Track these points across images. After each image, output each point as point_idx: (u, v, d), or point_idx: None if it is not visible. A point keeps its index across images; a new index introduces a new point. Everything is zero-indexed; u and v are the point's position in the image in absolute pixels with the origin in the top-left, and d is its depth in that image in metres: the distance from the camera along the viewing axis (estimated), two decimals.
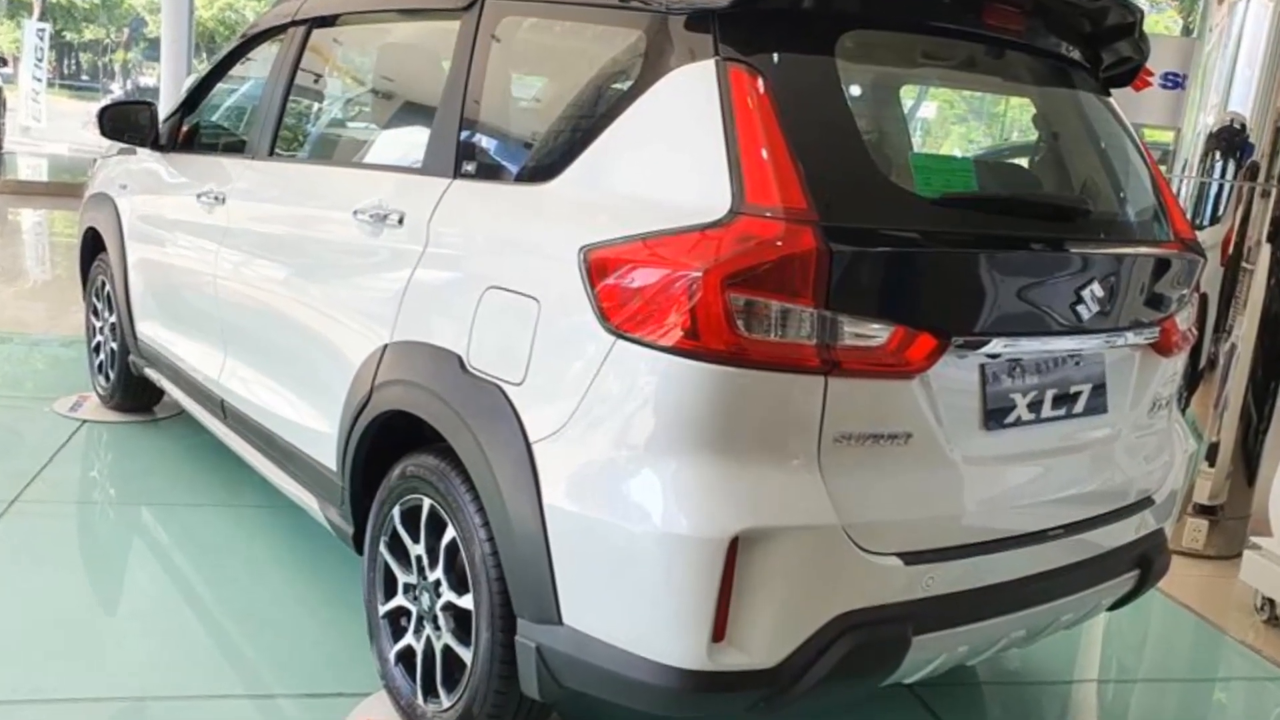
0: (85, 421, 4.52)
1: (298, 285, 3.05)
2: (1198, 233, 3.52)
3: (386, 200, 2.65)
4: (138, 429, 4.53)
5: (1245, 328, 4.25)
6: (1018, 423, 2.21)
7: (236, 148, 3.77)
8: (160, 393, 4.39)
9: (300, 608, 3.12)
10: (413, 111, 3.07)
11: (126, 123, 4.07)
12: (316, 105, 3.79)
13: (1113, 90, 2.69)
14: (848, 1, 2.14)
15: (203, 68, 4.84)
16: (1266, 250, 4.18)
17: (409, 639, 2.50)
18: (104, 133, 4.11)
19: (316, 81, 3.67)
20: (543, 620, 2.06)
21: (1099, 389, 2.38)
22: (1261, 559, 3.76)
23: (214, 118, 4.27)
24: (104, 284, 4.54)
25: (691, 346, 1.86)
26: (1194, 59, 4.51)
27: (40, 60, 20.59)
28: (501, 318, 2.20)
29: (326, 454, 2.80)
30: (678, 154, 2.05)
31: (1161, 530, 2.60)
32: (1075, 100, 2.61)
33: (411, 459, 2.45)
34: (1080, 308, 2.22)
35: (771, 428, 1.91)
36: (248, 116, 3.91)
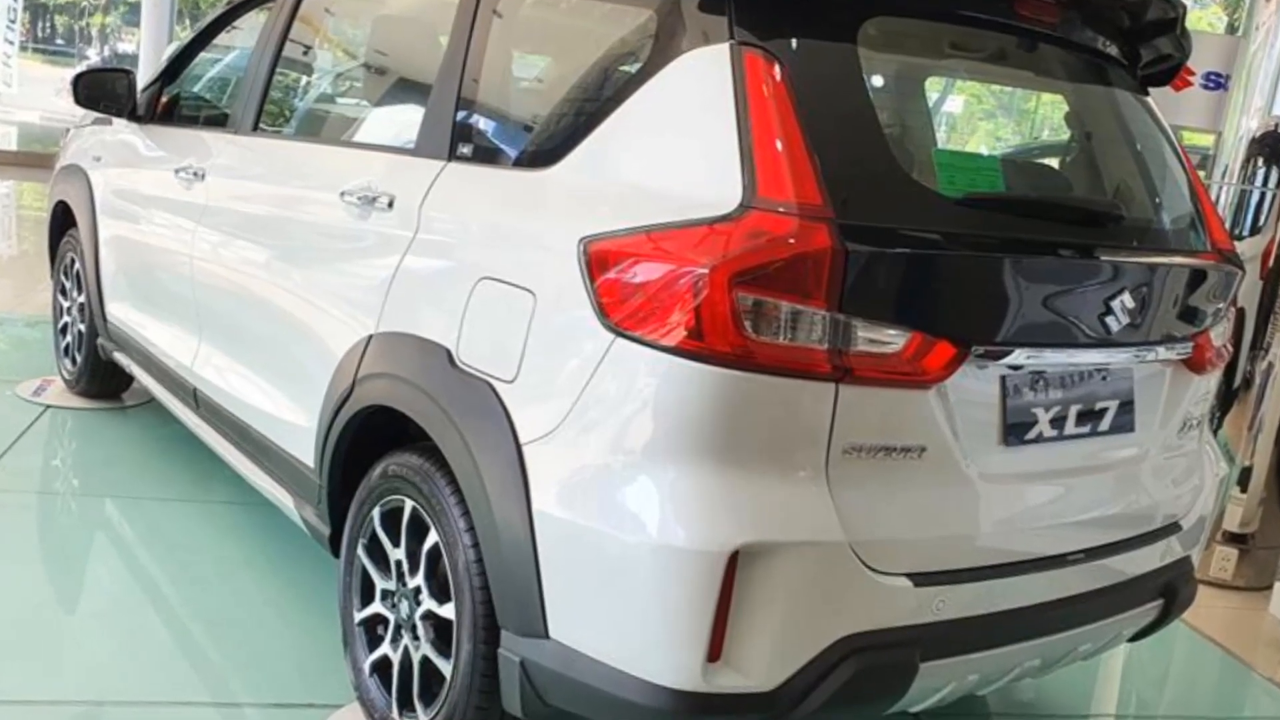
0: (49, 407, 4.52)
1: (279, 269, 3.06)
2: (1236, 243, 3.51)
3: (376, 182, 2.64)
4: (104, 416, 4.53)
5: None
6: (1039, 439, 2.21)
7: (218, 121, 3.77)
8: (129, 379, 4.39)
9: (271, 612, 3.12)
10: (407, 89, 3.07)
11: (103, 91, 4.08)
12: (305, 79, 3.79)
13: (1151, 89, 2.69)
14: None
15: (185, 35, 4.85)
16: None
17: (385, 648, 2.49)
18: (78, 101, 4.12)
19: (305, 54, 3.67)
20: (528, 633, 2.06)
21: (1126, 406, 2.38)
22: None
23: (196, 89, 4.27)
24: (73, 261, 4.54)
25: (695, 347, 1.86)
26: (1238, 59, 4.51)
27: (13, 22, 20.57)
28: (494, 311, 2.20)
29: (304, 449, 2.80)
30: (687, 142, 2.05)
31: (1188, 558, 2.60)
32: (1111, 99, 2.61)
33: (394, 457, 2.45)
34: (1109, 319, 2.22)
35: (777, 436, 1.91)
36: (231, 89, 3.91)
